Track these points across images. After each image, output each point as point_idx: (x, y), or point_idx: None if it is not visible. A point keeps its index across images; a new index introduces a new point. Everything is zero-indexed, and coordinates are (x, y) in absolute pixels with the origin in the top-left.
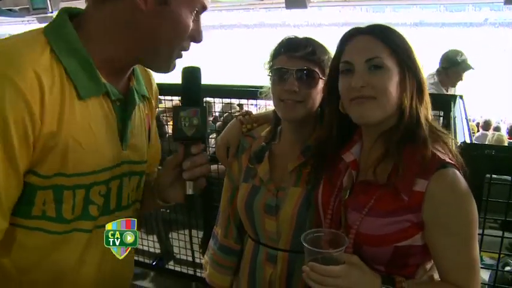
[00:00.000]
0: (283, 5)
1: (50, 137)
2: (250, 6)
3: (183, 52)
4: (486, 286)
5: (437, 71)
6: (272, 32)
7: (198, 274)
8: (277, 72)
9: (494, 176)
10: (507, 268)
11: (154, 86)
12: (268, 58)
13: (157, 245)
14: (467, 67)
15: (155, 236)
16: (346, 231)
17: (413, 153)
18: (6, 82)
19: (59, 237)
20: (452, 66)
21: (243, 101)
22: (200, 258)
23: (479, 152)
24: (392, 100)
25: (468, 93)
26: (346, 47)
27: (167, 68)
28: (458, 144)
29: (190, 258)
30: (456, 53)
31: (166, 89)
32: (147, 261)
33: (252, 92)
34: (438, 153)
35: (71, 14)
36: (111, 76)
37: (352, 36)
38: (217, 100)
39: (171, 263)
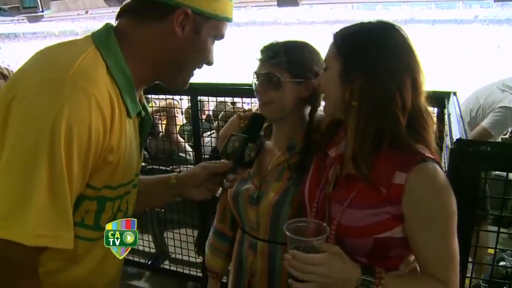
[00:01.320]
0: (275, 3)
1: (110, 152)
2: (241, 5)
3: None
4: (481, 281)
5: None
6: (263, 30)
7: (193, 273)
8: (253, 75)
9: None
10: (502, 263)
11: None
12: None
13: (152, 245)
14: None
15: (150, 236)
16: (329, 223)
17: (388, 156)
18: (92, 98)
19: (91, 243)
20: None
21: (237, 99)
22: (196, 258)
23: (475, 149)
24: (335, 96)
25: (462, 89)
26: None
27: (184, 86)
28: (454, 141)
29: (186, 258)
30: None
31: (159, 88)
32: (142, 260)
33: (244, 90)
34: (419, 149)
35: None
36: (137, 94)
37: None
38: (210, 98)
39: (166, 262)
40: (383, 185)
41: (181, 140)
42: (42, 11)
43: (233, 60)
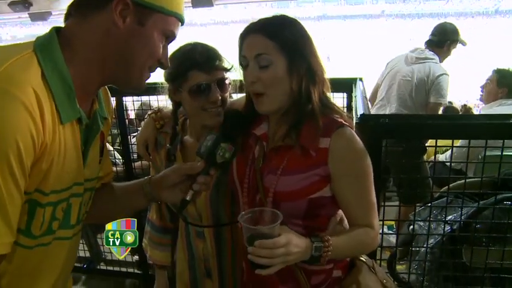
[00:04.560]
0: (190, 4)
1: (41, 157)
2: None
3: None
4: (395, 248)
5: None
6: (179, 32)
7: (131, 270)
8: (198, 87)
9: None
10: (411, 227)
11: (111, 104)
12: (172, 74)
13: (86, 248)
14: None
15: (83, 239)
16: (264, 194)
17: (311, 125)
18: (18, 101)
19: (24, 251)
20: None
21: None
22: (131, 256)
23: (376, 121)
24: (282, 89)
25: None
26: (243, 43)
27: (139, 87)
28: (359, 115)
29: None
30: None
31: None
32: (77, 264)
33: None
34: (335, 118)
35: (57, 31)
36: (82, 100)
37: (247, 34)
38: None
39: (102, 264)
40: (312, 149)
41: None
42: None
43: None
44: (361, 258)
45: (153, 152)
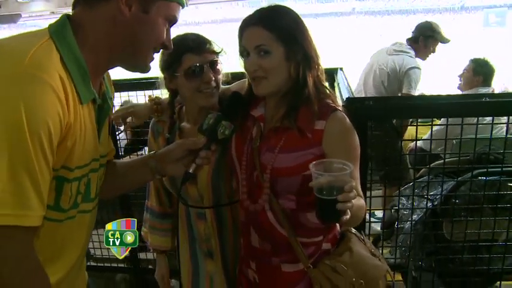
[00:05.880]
0: None
1: (66, 135)
2: None
3: None
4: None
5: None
6: None
7: (121, 265)
8: (192, 69)
9: None
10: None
11: (112, 86)
12: (167, 62)
13: None
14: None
15: None
16: (261, 170)
17: (307, 109)
18: (48, 85)
19: (54, 224)
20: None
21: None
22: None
23: (361, 104)
24: (281, 75)
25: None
26: (243, 35)
27: (144, 69)
28: (345, 99)
29: (111, 254)
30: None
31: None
32: None
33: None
34: (329, 103)
35: (68, 18)
36: (93, 82)
37: (246, 27)
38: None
39: (92, 262)
40: (309, 131)
41: None
42: None
43: None
44: (351, 230)
45: (152, 139)
